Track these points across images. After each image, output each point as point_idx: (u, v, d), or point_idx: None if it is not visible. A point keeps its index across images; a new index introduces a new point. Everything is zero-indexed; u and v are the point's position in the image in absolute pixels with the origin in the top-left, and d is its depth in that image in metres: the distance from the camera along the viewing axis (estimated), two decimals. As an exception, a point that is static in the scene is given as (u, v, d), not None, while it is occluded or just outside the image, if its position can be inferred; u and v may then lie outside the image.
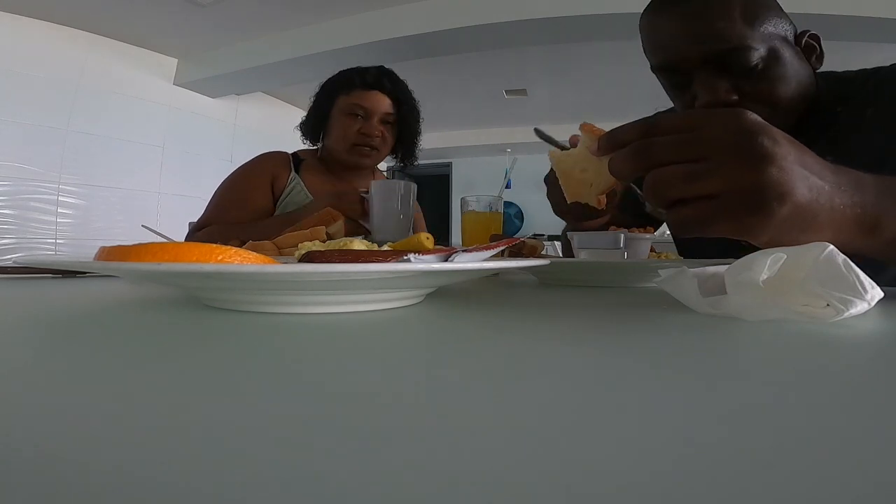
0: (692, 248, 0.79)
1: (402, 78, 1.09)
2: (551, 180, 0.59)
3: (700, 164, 0.30)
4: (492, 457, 0.10)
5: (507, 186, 1.12)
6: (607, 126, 0.38)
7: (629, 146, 0.33)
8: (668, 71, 0.62)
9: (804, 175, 0.29)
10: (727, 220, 0.29)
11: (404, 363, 0.19)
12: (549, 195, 0.61)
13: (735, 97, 0.58)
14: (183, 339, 0.23)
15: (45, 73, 2.70)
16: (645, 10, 0.63)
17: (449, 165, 6.17)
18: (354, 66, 1.09)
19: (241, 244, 0.72)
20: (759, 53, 0.56)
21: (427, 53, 2.88)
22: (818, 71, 0.65)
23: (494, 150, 5.33)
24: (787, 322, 0.27)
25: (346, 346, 0.22)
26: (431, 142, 5.71)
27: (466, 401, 0.14)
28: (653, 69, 0.64)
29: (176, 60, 3.30)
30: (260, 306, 0.30)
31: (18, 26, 2.61)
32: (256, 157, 1.06)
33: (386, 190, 0.81)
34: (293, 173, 1.03)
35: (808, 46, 0.61)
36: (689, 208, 0.30)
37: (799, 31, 0.61)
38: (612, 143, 0.35)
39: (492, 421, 0.12)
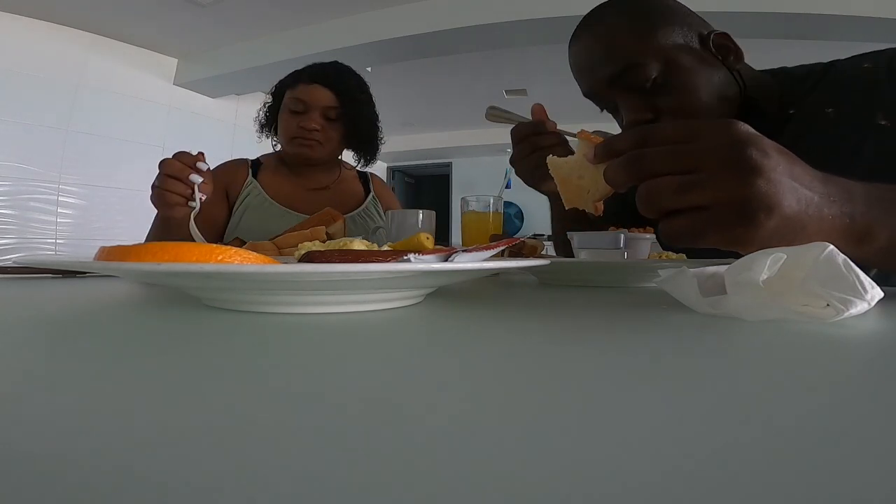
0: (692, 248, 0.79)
1: (361, 74, 1.07)
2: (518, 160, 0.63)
3: (691, 175, 0.30)
4: (492, 457, 0.10)
5: (507, 186, 1.12)
6: (609, 126, 0.38)
7: (624, 156, 0.33)
8: (592, 99, 0.66)
9: (793, 186, 0.30)
10: (716, 231, 0.30)
11: (404, 363, 0.19)
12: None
13: (649, 115, 0.60)
14: (183, 339, 0.23)
15: (45, 73, 2.70)
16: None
17: (449, 165, 6.17)
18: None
19: (240, 244, 0.72)
20: (653, 67, 0.57)
21: (427, 53, 2.88)
22: (771, 69, 0.65)
23: (494, 150, 5.33)
24: (787, 322, 0.27)
25: (346, 346, 0.22)
26: (431, 142, 5.75)
27: (467, 401, 0.14)
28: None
29: (176, 60, 3.30)
30: (260, 306, 0.30)
31: (18, 26, 2.61)
32: (213, 169, 1.06)
33: (405, 220, 0.77)
34: (250, 177, 1.03)
35: (721, 46, 0.60)
36: (680, 219, 0.31)
37: (707, 32, 0.60)
38: (607, 151, 0.35)
39: (492, 421, 0.12)
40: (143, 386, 0.15)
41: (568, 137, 0.62)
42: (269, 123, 1.08)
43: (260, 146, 1.15)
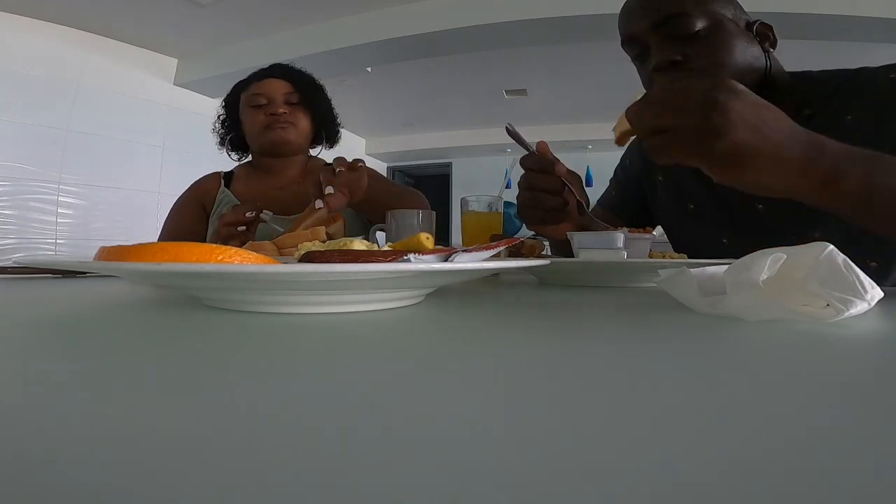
0: (686, 245, 0.79)
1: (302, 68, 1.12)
2: (523, 184, 0.65)
3: (672, 101, 0.40)
4: (492, 457, 0.10)
5: (507, 186, 1.12)
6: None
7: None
8: (630, 43, 0.69)
9: (751, 124, 0.38)
10: (678, 147, 0.39)
11: (404, 363, 0.19)
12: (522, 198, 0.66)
13: (678, 57, 0.63)
14: (183, 339, 0.23)
15: (45, 73, 2.70)
16: None
17: (449, 165, 6.17)
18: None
19: (241, 244, 0.72)
20: (700, 22, 0.62)
21: (427, 53, 2.88)
22: (793, 72, 0.68)
23: (494, 150, 5.33)
24: (787, 322, 0.27)
25: (346, 346, 0.22)
26: (431, 142, 5.76)
27: (467, 401, 0.14)
28: (622, 46, 0.71)
29: (176, 60, 3.30)
30: (260, 306, 0.30)
31: (18, 26, 2.61)
32: (189, 187, 1.10)
33: (404, 221, 0.76)
34: (222, 188, 1.06)
35: (761, 34, 0.65)
36: (657, 137, 0.40)
37: (752, 21, 0.66)
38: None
39: (493, 421, 0.12)
40: (142, 386, 0.15)
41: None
42: (229, 133, 1.11)
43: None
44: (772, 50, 0.66)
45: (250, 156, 1.12)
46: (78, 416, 0.12)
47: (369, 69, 3.23)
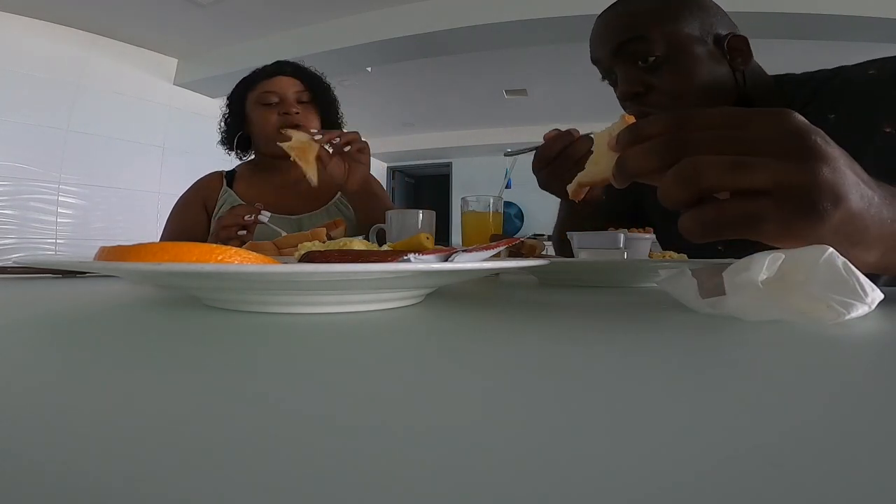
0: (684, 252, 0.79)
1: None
2: (536, 164, 0.65)
3: (748, 157, 0.27)
4: (492, 457, 0.10)
5: (507, 186, 1.11)
6: (610, 124, 0.38)
7: (656, 139, 0.29)
8: (596, 65, 0.69)
9: (856, 181, 0.27)
10: (775, 220, 0.26)
11: (404, 363, 0.19)
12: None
13: (641, 89, 0.63)
14: (183, 339, 0.23)
15: (45, 73, 2.70)
16: None
17: (449, 165, 6.17)
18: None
19: (240, 244, 0.72)
20: (658, 46, 0.61)
21: (427, 53, 2.88)
22: (776, 75, 0.67)
23: (494, 150, 5.33)
24: (787, 322, 0.27)
25: (346, 346, 0.22)
26: (431, 142, 5.76)
27: (467, 401, 0.14)
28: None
29: (176, 60, 3.30)
30: (260, 306, 0.30)
31: (18, 26, 2.61)
32: (191, 186, 1.09)
33: (404, 221, 0.76)
34: (224, 187, 1.05)
35: (734, 49, 0.63)
36: (731, 205, 0.27)
37: (726, 34, 0.64)
38: (635, 136, 0.31)
39: (493, 421, 0.12)
40: (142, 386, 0.15)
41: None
42: (235, 133, 1.07)
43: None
44: (743, 68, 0.63)
45: (253, 154, 1.11)
46: (77, 416, 0.12)
47: (369, 69, 3.23)
